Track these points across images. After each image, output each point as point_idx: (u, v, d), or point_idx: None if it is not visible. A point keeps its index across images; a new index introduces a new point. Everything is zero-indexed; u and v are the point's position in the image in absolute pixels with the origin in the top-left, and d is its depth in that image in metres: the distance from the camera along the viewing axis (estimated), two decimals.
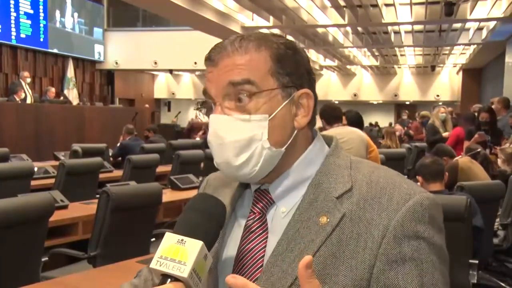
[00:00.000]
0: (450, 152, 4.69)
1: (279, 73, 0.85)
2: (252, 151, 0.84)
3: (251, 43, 0.86)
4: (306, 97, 0.88)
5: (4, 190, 3.48)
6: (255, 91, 0.84)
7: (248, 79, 0.83)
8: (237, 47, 0.85)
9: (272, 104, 0.85)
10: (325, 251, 0.80)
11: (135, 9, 15.22)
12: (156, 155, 5.75)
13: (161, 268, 0.72)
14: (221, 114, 0.85)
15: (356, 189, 0.84)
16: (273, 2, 9.01)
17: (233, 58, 0.85)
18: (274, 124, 0.85)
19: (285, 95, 0.86)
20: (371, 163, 0.91)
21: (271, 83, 0.85)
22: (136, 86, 18.61)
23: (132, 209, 2.97)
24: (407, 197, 0.81)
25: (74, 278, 2.29)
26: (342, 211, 0.82)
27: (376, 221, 0.80)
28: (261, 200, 0.90)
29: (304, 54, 0.91)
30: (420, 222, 0.80)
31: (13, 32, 12.58)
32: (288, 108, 0.86)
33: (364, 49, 14.92)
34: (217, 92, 0.86)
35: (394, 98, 19.59)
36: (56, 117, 9.22)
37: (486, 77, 16.13)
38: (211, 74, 0.87)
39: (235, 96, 0.84)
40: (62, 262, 3.18)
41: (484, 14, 9.48)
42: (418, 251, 0.79)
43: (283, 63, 0.86)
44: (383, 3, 9.46)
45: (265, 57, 0.85)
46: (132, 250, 2.85)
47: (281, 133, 0.86)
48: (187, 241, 0.73)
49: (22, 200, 2.59)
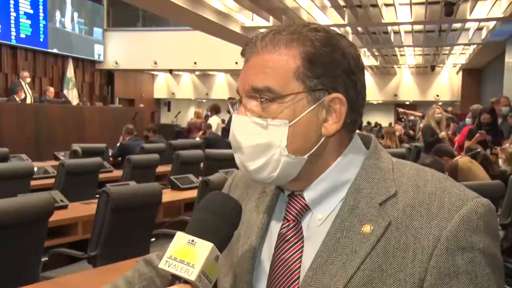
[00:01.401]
0: (450, 152, 4.69)
1: (306, 75, 0.79)
2: (268, 157, 0.80)
3: (283, 38, 0.81)
4: (338, 102, 0.81)
5: (4, 190, 3.48)
6: (275, 97, 0.79)
7: (269, 87, 0.79)
8: (267, 43, 0.81)
9: (296, 109, 0.79)
10: (370, 263, 0.75)
11: (135, 9, 15.21)
12: (156, 155, 5.75)
13: (170, 268, 0.70)
14: (243, 115, 0.82)
15: (401, 194, 0.78)
16: (273, 2, 9.01)
17: (261, 56, 0.81)
18: (296, 130, 0.79)
19: (312, 99, 0.80)
20: (415, 165, 0.84)
21: (296, 87, 0.79)
22: (136, 86, 18.61)
23: (132, 209, 2.97)
24: (459, 203, 0.75)
25: (74, 278, 2.29)
26: (387, 219, 0.76)
27: (426, 231, 0.74)
28: (294, 206, 0.85)
29: (346, 51, 0.82)
30: (475, 232, 0.73)
31: (13, 32, 12.58)
32: (315, 114, 0.80)
33: (364, 49, 14.90)
34: (243, 91, 0.83)
35: (394, 98, 19.59)
36: (56, 117, 9.21)
37: (486, 77, 16.13)
38: (242, 72, 0.84)
39: (256, 100, 0.81)
40: (62, 262, 3.17)
41: (484, 14, 9.48)
42: (472, 263, 0.73)
43: (314, 64, 0.79)
44: (383, 3, 9.46)
45: (294, 56, 0.80)
46: (132, 250, 2.85)
47: (303, 140, 0.80)
48: (197, 242, 0.71)
49: (22, 200, 2.59)
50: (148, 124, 11.13)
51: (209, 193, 0.83)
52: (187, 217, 3.74)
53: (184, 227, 0.76)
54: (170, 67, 16.90)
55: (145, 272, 0.97)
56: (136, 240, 3.02)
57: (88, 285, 2.11)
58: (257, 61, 0.81)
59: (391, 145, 8.10)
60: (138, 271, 0.98)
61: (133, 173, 5.06)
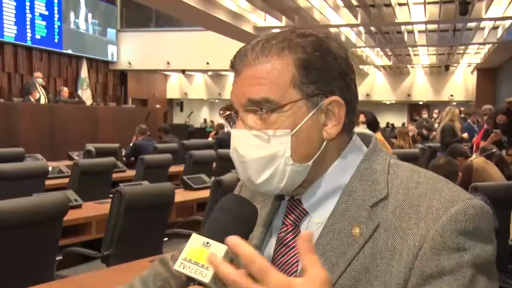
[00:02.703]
0: (464, 152, 4.64)
1: (303, 82, 0.79)
2: (274, 168, 0.79)
3: (274, 47, 0.80)
4: (336, 105, 0.81)
5: (19, 189, 3.52)
6: (274, 108, 0.78)
7: (267, 98, 0.78)
8: (258, 54, 0.80)
9: (296, 117, 0.79)
10: (357, 265, 0.75)
11: (148, 10, 15.30)
12: (168, 155, 5.77)
13: (184, 270, 0.70)
14: (242, 129, 0.81)
15: (392, 196, 0.78)
16: (285, 2, 8.99)
17: (254, 68, 0.80)
18: (299, 138, 0.79)
19: (311, 105, 0.80)
20: (411, 166, 0.83)
21: (293, 95, 0.79)
22: (148, 86, 18.71)
23: (145, 209, 2.98)
24: (448, 204, 0.74)
25: (88, 277, 2.31)
26: (376, 221, 0.76)
27: (413, 231, 0.73)
28: (293, 211, 0.85)
29: (338, 53, 0.82)
30: (462, 234, 0.71)
31: (28, 33, 12.73)
32: (315, 119, 0.80)
33: (377, 49, 14.83)
34: (238, 105, 0.82)
35: (407, 98, 19.44)
36: (70, 117, 9.30)
37: (501, 76, 15.92)
38: (235, 85, 0.83)
39: (254, 113, 0.80)
40: (76, 261, 3.20)
41: (500, 13, 9.36)
42: (459, 264, 0.70)
43: (309, 70, 0.79)
44: (396, 3, 9.39)
45: (288, 64, 0.79)
46: (145, 249, 2.86)
47: (307, 147, 0.80)
48: (212, 244, 0.71)
49: (36, 199, 2.62)
50: (161, 124, 11.18)
51: (225, 195, 0.83)
52: (200, 217, 3.75)
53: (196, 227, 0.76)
54: (182, 67, 16.96)
55: (160, 273, 0.97)
56: (149, 240, 3.04)
57: (102, 284, 2.13)
58: (250, 73, 0.80)
59: (404, 146, 8.03)
60: (153, 271, 0.98)
61: (146, 173, 5.09)
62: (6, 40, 12.10)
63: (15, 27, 12.33)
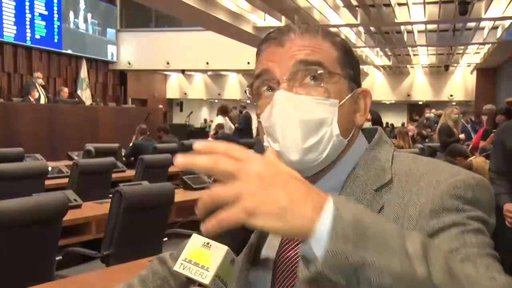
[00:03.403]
0: (464, 152, 4.65)
1: (345, 64, 0.83)
2: (321, 136, 0.79)
3: (319, 31, 0.84)
4: (366, 96, 0.86)
5: (18, 189, 3.51)
6: (326, 74, 0.80)
7: (320, 61, 0.80)
8: (304, 32, 0.82)
9: (341, 91, 0.82)
10: None
11: (147, 10, 15.29)
12: (168, 155, 5.77)
13: (184, 271, 0.70)
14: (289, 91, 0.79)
15: (396, 181, 0.79)
16: (285, 2, 9.00)
17: (302, 38, 0.82)
18: (342, 112, 0.81)
19: (350, 87, 0.83)
20: (414, 155, 0.85)
21: (340, 71, 0.82)
22: (148, 86, 18.71)
23: (145, 209, 2.98)
24: (449, 176, 0.74)
25: (87, 277, 2.31)
26: (381, 202, 0.77)
27: (414, 201, 0.74)
28: None
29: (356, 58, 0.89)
30: (461, 199, 0.71)
31: (28, 33, 12.73)
32: (350, 103, 0.83)
33: (376, 49, 14.83)
34: (284, 70, 0.80)
35: (407, 98, 19.45)
36: (70, 117, 9.30)
37: (501, 76, 15.94)
38: (275, 54, 0.82)
39: (304, 76, 0.80)
40: (76, 261, 3.21)
41: (499, 13, 9.37)
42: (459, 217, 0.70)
43: (348, 55, 0.84)
44: (396, 3, 9.39)
45: (333, 45, 0.83)
46: (145, 249, 2.86)
47: (346, 123, 0.82)
48: (212, 245, 0.70)
49: (36, 199, 2.62)
50: (161, 124, 11.17)
51: None
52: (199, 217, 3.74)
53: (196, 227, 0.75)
54: (182, 67, 16.96)
55: (159, 272, 0.97)
56: (148, 240, 3.04)
57: (102, 283, 2.13)
58: (299, 42, 0.81)
59: (404, 146, 8.02)
60: (152, 270, 0.98)
61: (145, 173, 5.09)
62: (6, 40, 12.10)
63: (15, 27, 12.32)
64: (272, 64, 0.81)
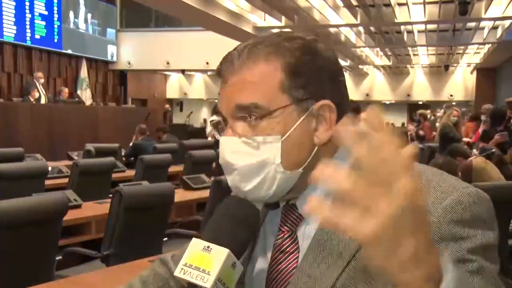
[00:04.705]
0: (464, 152, 4.65)
1: (292, 87, 0.77)
2: (263, 176, 0.77)
3: (260, 53, 0.78)
4: (327, 109, 0.79)
5: (19, 189, 3.52)
6: (264, 113, 0.76)
7: (256, 103, 0.76)
8: (244, 60, 0.78)
9: (286, 122, 0.77)
10: (355, 264, 0.73)
11: (147, 10, 15.29)
12: (168, 155, 5.77)
13: (185, 276, 0.69)
14: (230, 136, 0.79)
15: None
16: (285, 2, 8.99)
17: (241, 74, 0.78)
18: (289, 144, 0.77)
19: (301, 110, 0.78)
20: None
21: (283, 100, 0.77)
22: (148, 86, 18.71)
23: (145, 209, 2.98)
24: (443, 196, 0.71)
25: (88, 277, 2.31)
26: None
27: None
28: (289, 217, 0.83)
29: (327, 55, 0.81)
30: (459, 223, 0.69)
31: (28, 33, 12.72)
32: (306, 124, 0.78)
33: (376, 49, 14.82)
34: (227, 112, 0.80)
35: (407, 98, 19.44)
36: (70, 117, 9.31)
37: (501, 76, 15.93)
38: (222, 92, 0.82)
39: (243, 119, 0.78)
40: (76, 261, 3.21)
41: (499, 13, 9.36)
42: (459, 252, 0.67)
43: (297, 74, 0.77)
44: (396, 3, 9.39)
45: (275, 69, 0.77)
46: (145, 249, 2.86)
47: (297, 153, 0.78)
48: (213, 248, 0.70)
49: (36, 199, 2.62)
50: (160, 124, 11.18)
51: (225, 198, 0.81)
52: (200, 217, 3.75)
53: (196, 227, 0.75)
54: (182, 67, 16.96)
55: (160, 273, 0.97)
56: (149, 240, 3.04)
57: (102, 283, 2.13)
58: (237, 79, 0.78)
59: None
60: (153, 272, 0.98)
61: (145, 173, 5.09)
62: (6, 40, 12.09)
63: (15, 27, 12.32)
64: (220, 104, 0.82)
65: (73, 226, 3.28)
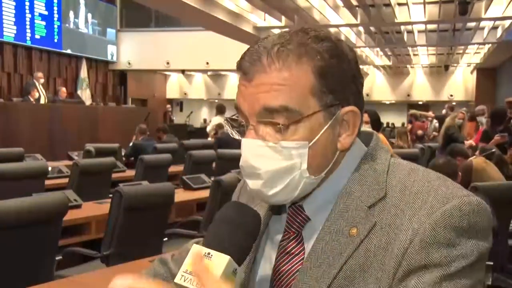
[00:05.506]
0: (464, 152, 4.64)
1: (322, 91, 0.76)
2: (289, 180, 0.77)
3: (291, 54, 0.75)
4: (352, 115, 0.78)
5: (19, 189, 3.52)
6: (294, 118, 0.74)
7: (286, 106, 0.74)
8: (274, 59, 0.75)
9: (313, 128, 0.76)
10: (352, 264, 0.74)
11: (147, 10, 15.30)
12: (168, 155, 5.77)
13: (185, 283, 0.68)
14: (254, 138, 0.77)
15: (389, 196, 0.76)
16: (285, 2, 8.99)
17: (269, 75, 0.75)
18: (315, 150, 0.76)
19: (328, 115, 0.77)
20: (410, 165, 0.81)
21: (312, 105, 0.75)
22: (148, 86, 18.71)
23: (145, 209, 2.99)
24: (444, 200, 0.72)
25: (88, 277, 2.31)
26: (373, 220, 0.75)
27: (406, 226, 0.72)
28: (296, 218, 0.82)
29: (350, 56, 0.79)
30: (455, 230, 0.69)
31: (28, 33, 12.72)
32: (331, 130, 0.77)
33: (376, 49, 14.83)
34: (250, 112, 0.77)
35: (407, 98, 19.44)
36: (70, 117, 9.30)
37: (501, 76, 15.94)
38: (244, 89, 0.77)
39: (271, 123, 0.75)
40: (76, 261, 3.21)
41: (499, 13, 9.37)
42: (447, 258, 0.69)
43: (327, 78, 0.76)
44: (396, 3, 9.39)
45: (307, 72, 0.75)
46: (145, 249, 2.86)
47: (321, 159, 0.78)
48: (213, 255, 0.69)
49: (36, 199, 2.62)
50: (160, 124, 11.17)
51: (226, 203, 0.80)
52: (200, 217, 3.75)
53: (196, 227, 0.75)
54: (182, 67, 16.96)
55: (160, 273, 0.97)
56: (149, 240, 3.04)
57: (102, 284, 2.12)
58: (265, 79, 0.75)
59: (403, 145, 8.04)
60: (153, 271, 0.98)
61: (145, 173, 5.09)
62: (6, 40, 12.09)
63: (15, 27, 12.32)
64: (242, 101, 0.78)
65: (73, 226, 3.28)
